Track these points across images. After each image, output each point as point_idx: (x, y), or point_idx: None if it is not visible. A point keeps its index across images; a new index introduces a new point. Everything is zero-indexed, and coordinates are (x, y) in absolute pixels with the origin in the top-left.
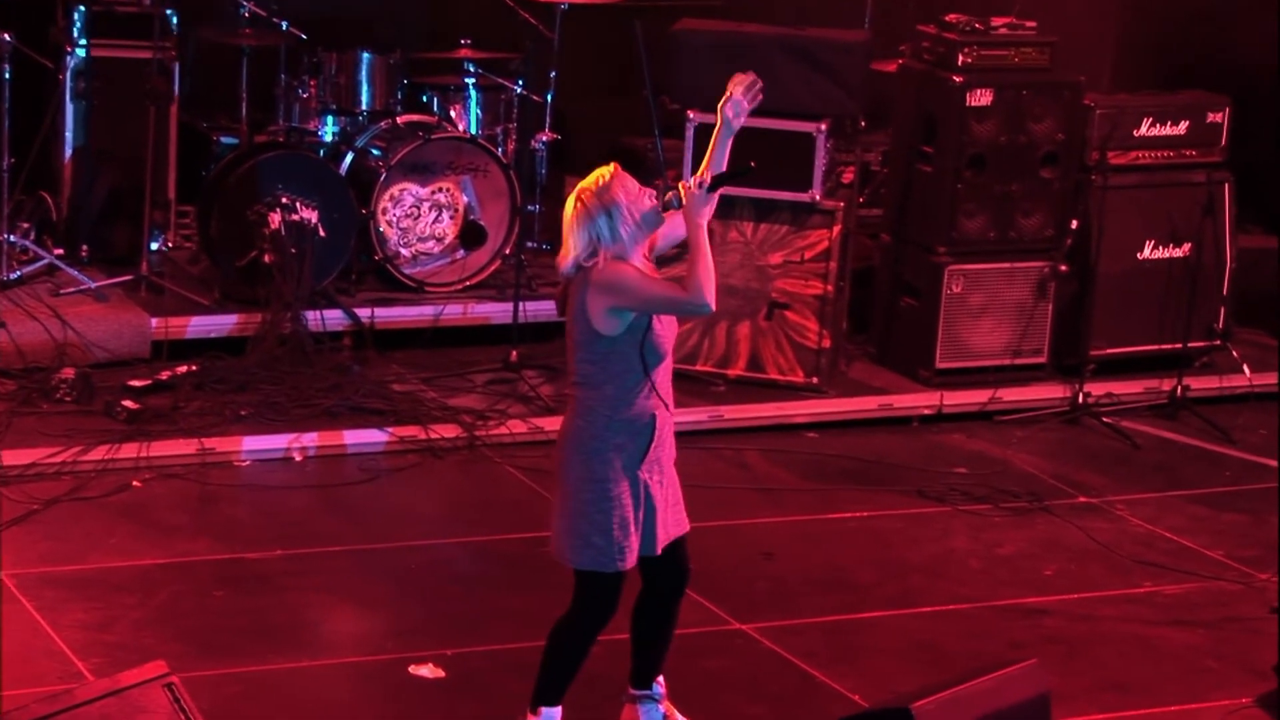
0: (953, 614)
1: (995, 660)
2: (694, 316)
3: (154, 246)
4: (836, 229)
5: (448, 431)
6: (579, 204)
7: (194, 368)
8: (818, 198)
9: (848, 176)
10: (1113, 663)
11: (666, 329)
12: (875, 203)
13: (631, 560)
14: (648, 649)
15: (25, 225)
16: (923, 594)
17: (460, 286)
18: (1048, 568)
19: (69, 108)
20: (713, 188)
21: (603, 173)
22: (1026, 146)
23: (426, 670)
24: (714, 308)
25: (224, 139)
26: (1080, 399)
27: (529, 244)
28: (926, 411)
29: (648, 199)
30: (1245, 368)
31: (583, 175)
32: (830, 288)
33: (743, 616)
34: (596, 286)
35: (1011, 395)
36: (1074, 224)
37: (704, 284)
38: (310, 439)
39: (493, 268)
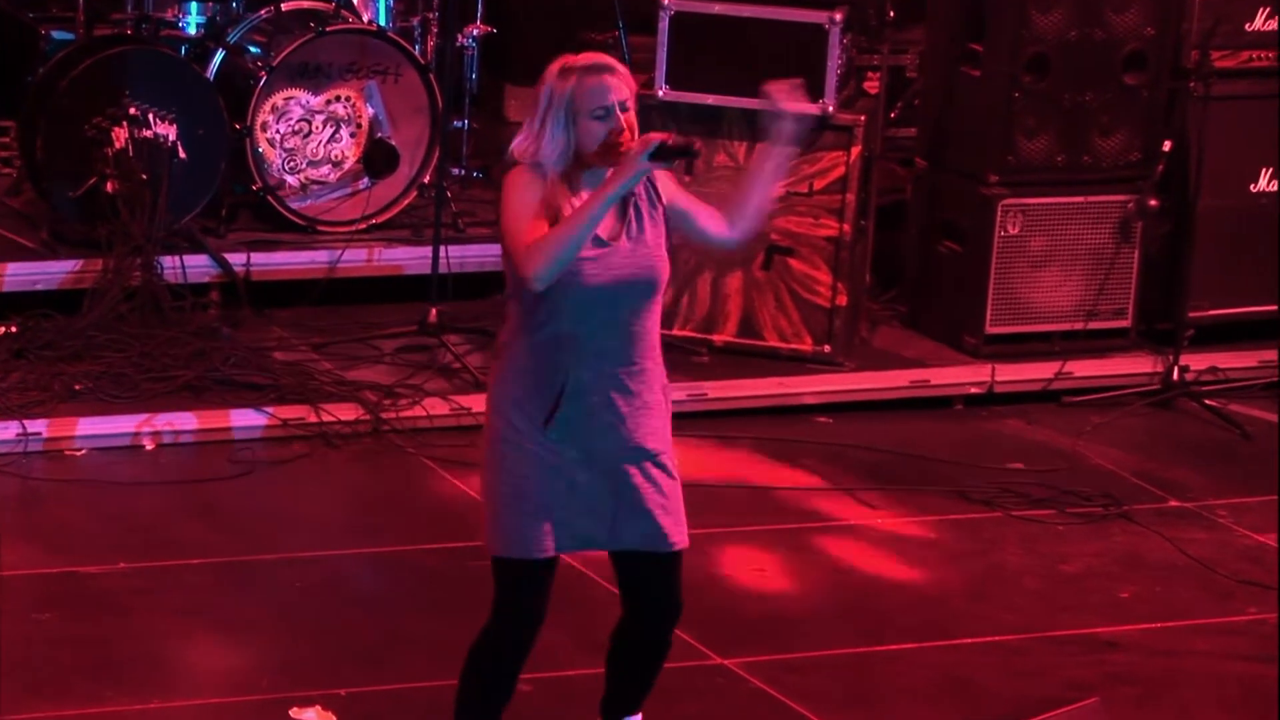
0: (998, 646)
1: (1049, 702)
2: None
3: None
4: (855, 151)
5: (345, 413)
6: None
7: (13, 329)
8: (831, 109)
9: (872, 84)
10: (1201, 709)
11: (605, 261)
12: (909, 119)
13: (538, 549)
14: (619, 681)
15: None
16: (961, 621)
17: (364, 225)
18: (1124, 589)
19: None
20: (656, 155)
21: (597, 60)
22: (1104, 44)
23: (313, 714)
24: (534, 285)
25: (54, 33)
26: (1175, 375)
27: (454, 171)
28: (973, 390)
29: (612, 123)
30: None
31: (525, 79)
32: (847, 228)
33: (726, 649)
34: (501, 190)
35: (1085, 370)
36: (1167, 146)
37: (541, 251)
38: (165, 421)
39: (406, 201)
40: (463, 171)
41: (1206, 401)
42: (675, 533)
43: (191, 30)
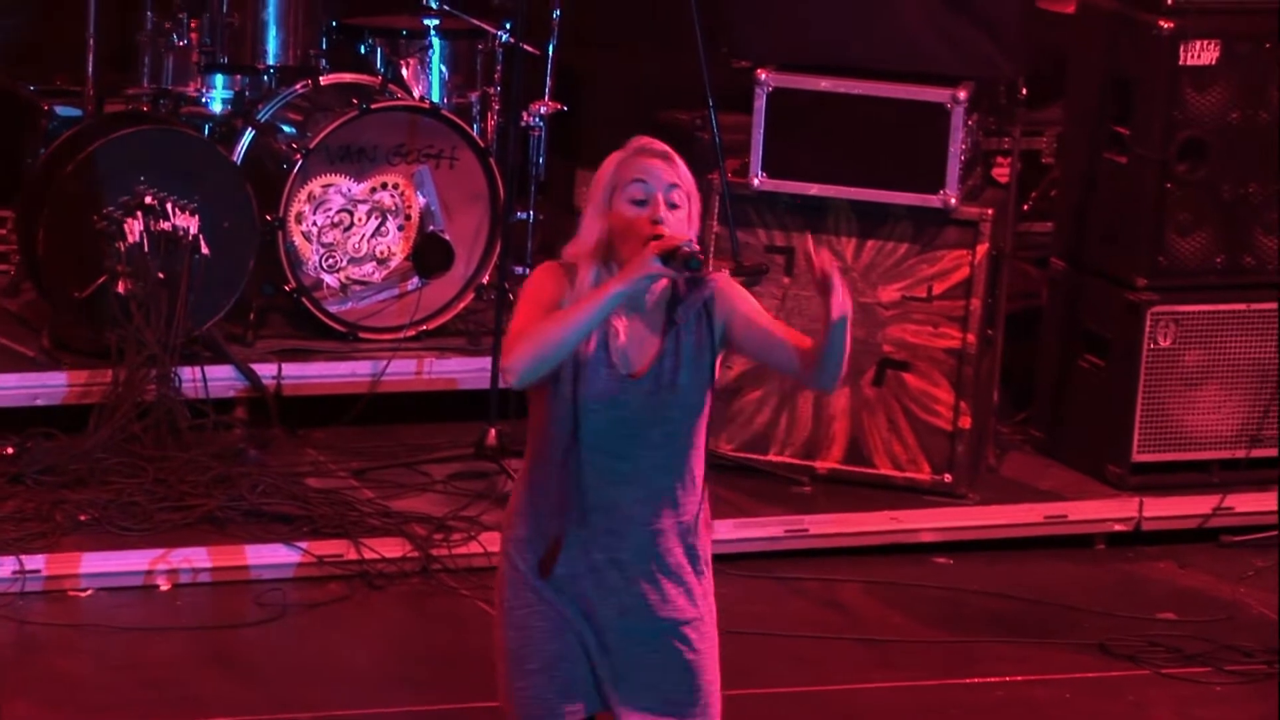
0: None
1: None
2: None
3: None
4: (982, 249)
5: (390, 549)
6: None
7: (9, 450)
8: (953, 201)
9: (1002, 172)
10: None
11: (619, 397)
12: (1044, 213)
13: (549, 714)
14: None
15: None
16: None
17: (413, 332)
18: None
19: None
20: (667, 259)
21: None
22: (1270, 127)
23: None
24: (509, 379)
25: (59, 109)
26: None
27: (517, 270)
28: (1118, 528)
29: (649, 212)
30: None
31: (599, 163)
32: (972, 338)
33: None
34: None
35: (1247, 505)
36: None
37: (524, 341)
38: (183, 558)
39: (461, 305)
40: (528, 270)
41: None
42: (704, 713)
43: (216, 107)
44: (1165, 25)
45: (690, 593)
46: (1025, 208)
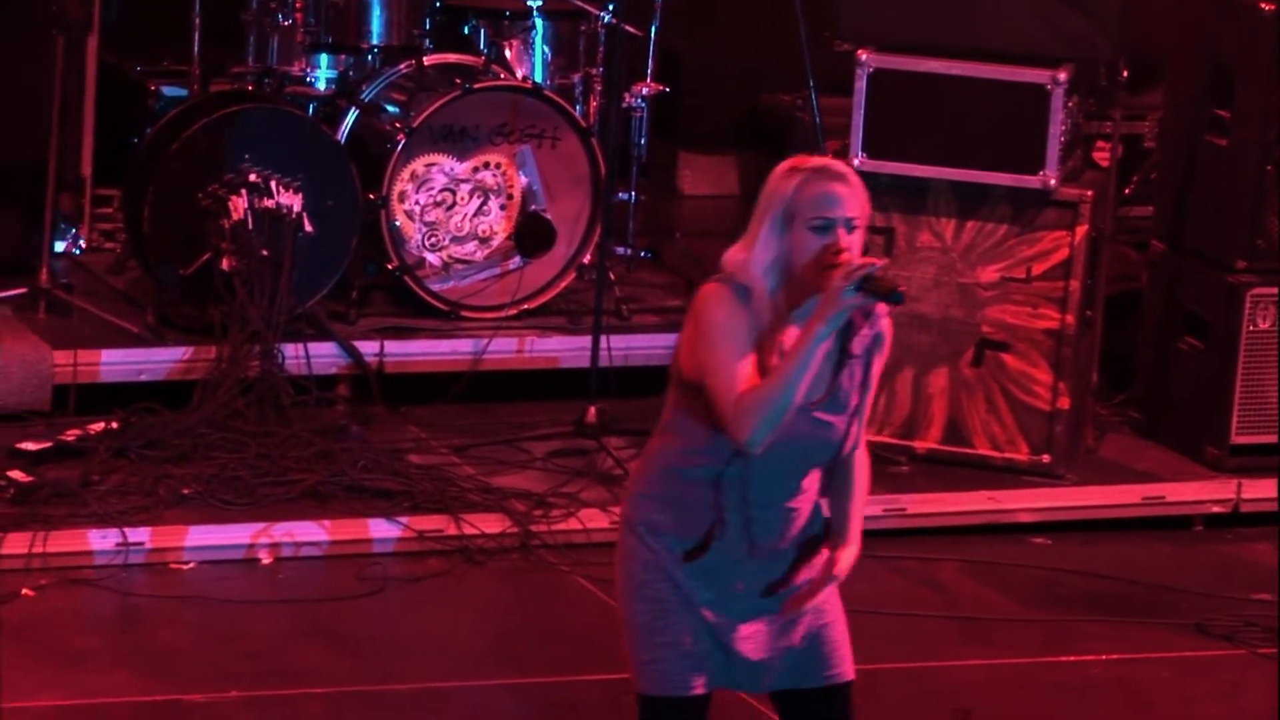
0: None
1: None
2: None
3: (59, 247)
4: (1081, 231)
5: (490, 525)
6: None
7: (114, 425)
8: (1053, 183)
9: (1103, 155)
10: None
11: (793, 424)
12: (1145, 196)
13: (683, 686)
14: None
15: None
16: None
17: (514, 311)
18: None
19: None
20: (861, 286)
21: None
22: None
23: None
24: (750, 450)
25: (166, 89)
26: None
27: (619, 250)
28: (1216, 510)
29: (830, 239)
30: None
31: (701, 146)
32: (1071, 319)
33: None
34: (692, 305)
35: None
36: None
37: (754, 414)
38: (285, 532)
39: (563, 284)
40: (629, 251)
41: None
42: (837, 663)
43: (321, 86)
44: (1267, 8)
45: (817, 557)
46: (1126, 191)
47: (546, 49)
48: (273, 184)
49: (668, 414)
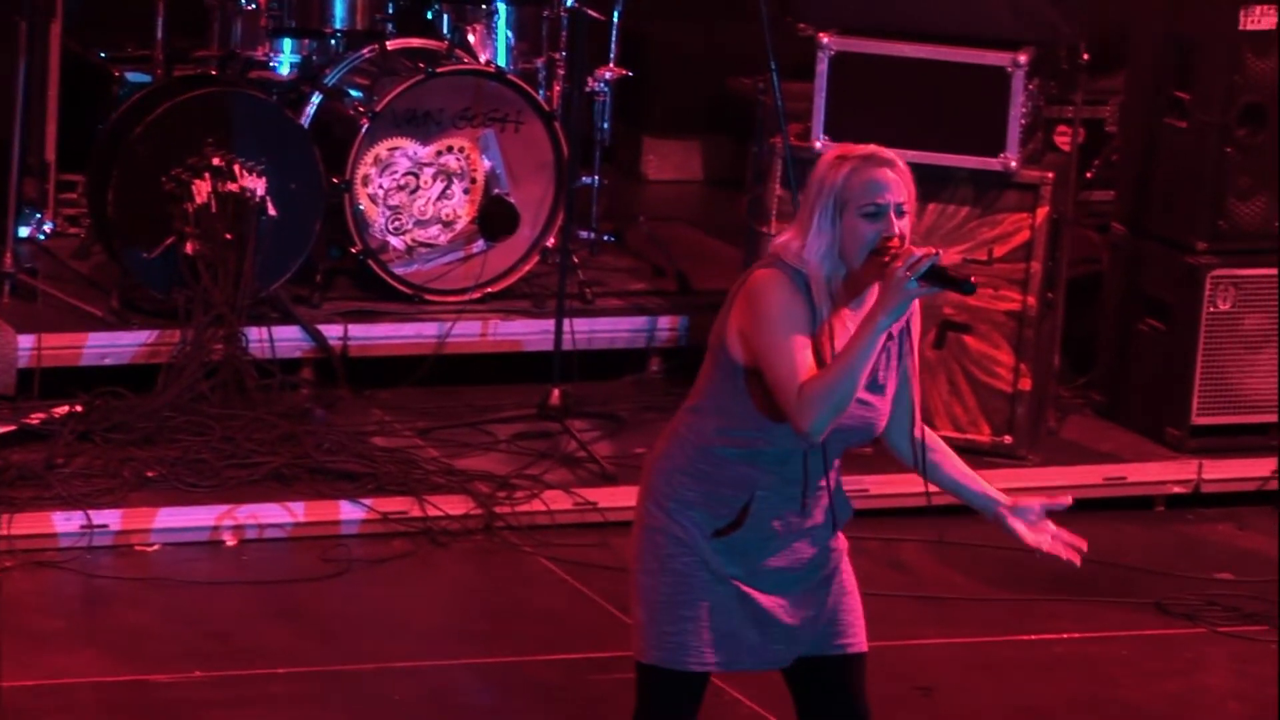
0: None
1: None
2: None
3: (23, 232)
4: (1042, 212)
5: (454, 507)
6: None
7: (79, 409)
8: (1014, 165)
9: (1064, 140)
10: None
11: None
12: (1107, 180)
13: (696, 661)
14: None
15: None
16: None
17: (478, 295)
18: None
19: None
20: (929, 276)
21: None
22: None
23: None
24: (813, 440)
25: (130, 75)
26: None
27: (582, 234)
28: (1177, 490)
29: (883, 226)
30: None
31: (665, 131)
32: (1032, 301)
33: None
34: (746, 289)
35: None
36: None
37: (817, 405)
38: (249, 514)
39: (526, 268)
40: (592, 235)
41: None
42: (855, 634)
43: (284, 71)
44: None
45: (838, 534)
46: (1088, 175)
47: (510, 33)
48: (236, 168)
49: (703, 392)
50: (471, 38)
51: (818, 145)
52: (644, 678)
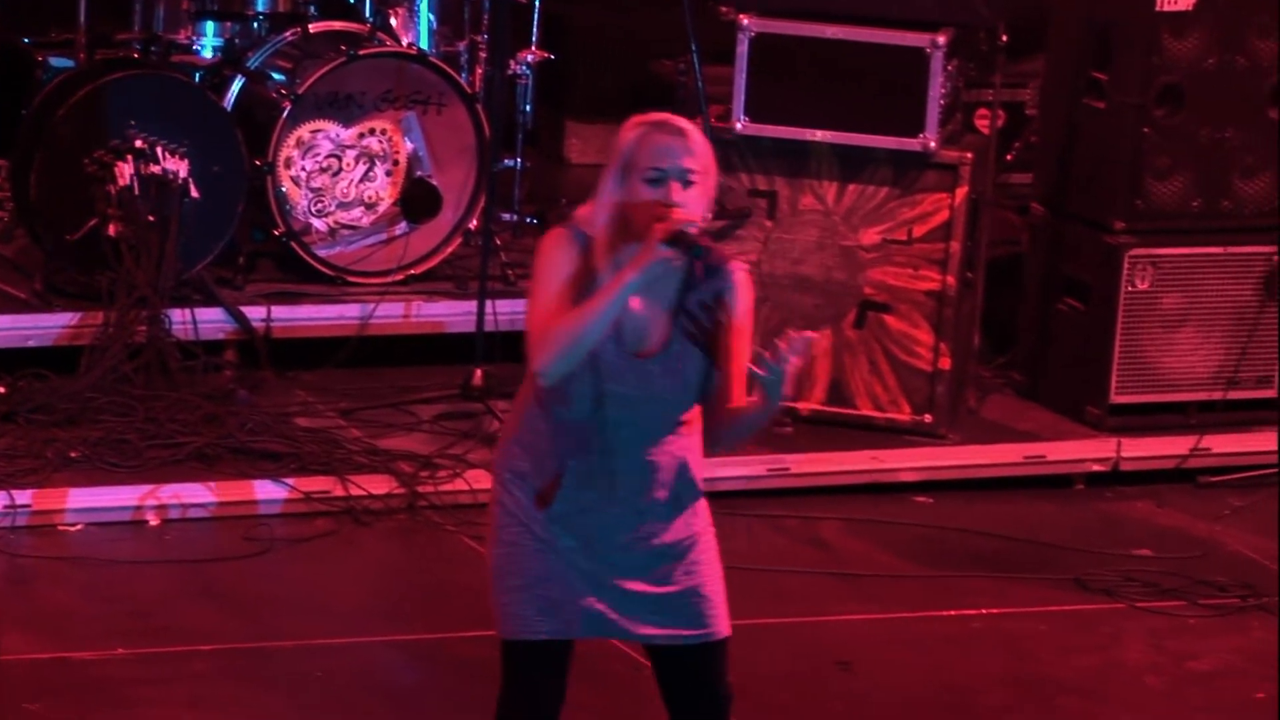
0: None
1: None
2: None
3: None
4: (961, 192)
5: (377, 486)
6: None
7: (2, 390)
8: (932, 145)
9: (984, 123)
10: None
11: (628, 375)
12: (1027, 163)
13: (532, 630)
14: None
15: None
16: None
17: (401, 277)
18: (1260, 689)
19: None
20: (673, 241)
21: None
22: (1247, 73)
23: None
24: (542, 380)
25: (53, 59)
26: None
27: (505, 217)
28: (1096, 468)
29: (661, 193)
30: None
31: (588, 115)
32: (951, 280)
33: None
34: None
35: (1224, 446)
36: None
37: (551, 345)
38: (172, 494)
39: (449, 250)
40: (514, 217)
41: None
42: (712, 623)
43: (207, 54)
44: None
45: (688, 516)
46: (1009, 158)
47: (432, 16)
48: (159, 150)
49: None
50: (394, 21)
51: (738, 127)
52: (501, 651)
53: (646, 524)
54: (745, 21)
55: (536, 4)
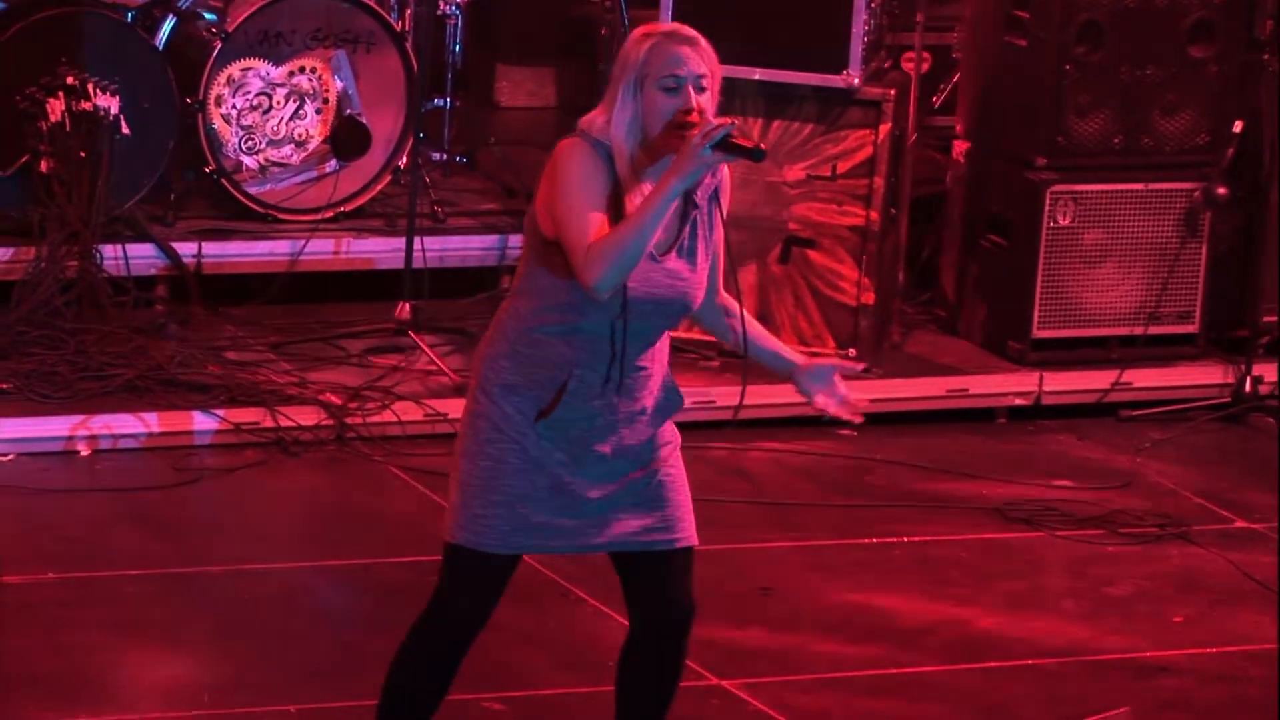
0: (1033, 671)
1: None
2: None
3: None
4: (884, 129)
5: (306, 417)
6: None
7: None
8: (856, 82)
9: (909, 64)
10: None
11: (647, 275)
12: (954, 105)
13: (502, 544)
14: (634, 705)
15: None
16: (993, 645)
17: (331, 214)
18: (1178, 613)
19: None
20: (719, 145)
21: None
22: (1167, 11)
23: None
24: (598, 295)
25: None
26: (1247, 387)
27: (435, 156)
28: (1018, 402)
29: (681, 100)
30: None
31: (518, 58)
32: (875, 216)
33: (723, 670)
34: (550, 160)
35: (1145, 380)
36: (1238, 127)
37: (604, 259)
38: (103, 424)
39: (379, 188)
40: (444, 156)
41: None
42: (682, 529)
43: None
44: None
45: (670, 424)
46: (935, 101)
47: None
48: (90, 87)
49: (520, 276)
50: None
51: None
52: (449, 557)
53: (634, 427)
54: None
55: None
